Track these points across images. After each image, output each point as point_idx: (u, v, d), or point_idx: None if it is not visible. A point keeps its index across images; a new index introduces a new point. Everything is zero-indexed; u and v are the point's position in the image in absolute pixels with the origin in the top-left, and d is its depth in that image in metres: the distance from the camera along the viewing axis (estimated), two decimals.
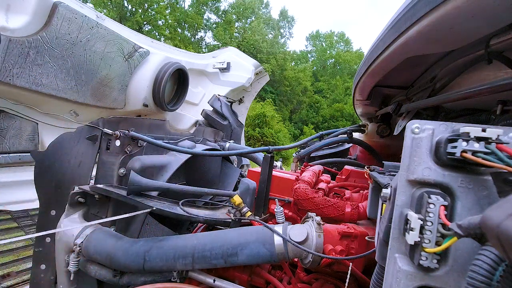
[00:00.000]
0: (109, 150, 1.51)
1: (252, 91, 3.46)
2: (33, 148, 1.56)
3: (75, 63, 1.48)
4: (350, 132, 2.13)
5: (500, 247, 0.35)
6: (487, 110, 1.02)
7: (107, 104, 1.74)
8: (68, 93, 1.49)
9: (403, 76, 1.55)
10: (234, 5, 30.72)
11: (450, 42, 0.89)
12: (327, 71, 37.49)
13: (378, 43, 1.16)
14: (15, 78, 1.26)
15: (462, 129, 0.50)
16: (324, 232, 1.11)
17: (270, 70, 24.95)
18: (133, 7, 24.13)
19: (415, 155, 0.56)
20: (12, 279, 2.62)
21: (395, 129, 1.51)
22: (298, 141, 2.31)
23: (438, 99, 1.06)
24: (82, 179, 1.55)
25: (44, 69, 1.36)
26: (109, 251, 1.24)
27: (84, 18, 1.46)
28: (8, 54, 1.20)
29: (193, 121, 2.75)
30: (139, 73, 1.88)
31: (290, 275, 1.29)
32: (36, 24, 1.31)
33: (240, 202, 1.33)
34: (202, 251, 1.14)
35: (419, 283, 0.54)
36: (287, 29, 37.04)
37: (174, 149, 1.57)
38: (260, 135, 18.35)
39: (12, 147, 1.48)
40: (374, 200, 1.03)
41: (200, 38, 30.12)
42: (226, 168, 2.32)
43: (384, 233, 0.68)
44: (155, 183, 1.42)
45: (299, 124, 30.26)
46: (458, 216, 0.53)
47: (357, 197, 1.53)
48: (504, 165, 0.45)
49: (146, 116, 2.07)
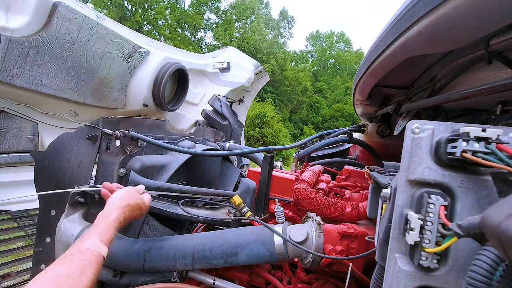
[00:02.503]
0: (109, 150, 1.51)
1: (252, 91, 3.46)
2: (33, 148, 1.56)
3: (75, 63, 1.48)
4: (350, 132, 2.13)
5: (500, 247, 0.35)
6: (487, 110, 1.02)
7: (107, 104, 1.74)
8: (68, 93, 1.50)
9: (403, 76, 1.55)
10: (234, 5, 30.71)
11: (450, 42, 0.89)
12: (327, 71, 37.48)
13: (378, 43, 1.16)
14: (15, 78, 1.26)
15: (462, 129, 0.50)
16: (324, 232, 1.11)
17: (270, 70, 24.94)
18: (133, 7, 24.12)
19: (415, 155, 0.56)
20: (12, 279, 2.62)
21: (395, 129, 1.51)
22: (298, 141, 2.31)
23: (438, 99, 1.06)
24: (82, 179, 1.55)
25: (44, 69, 1.36)
26: (109, 251, 1.24)
27: (84, 18, 1.46)
28: (8, 54, 1.20)
29: (193, 121, 2.75)
30: (139, 73, 1.88)
31: (290, 275, 1.30)
32: (36, 24, 1.31)
33: (240, 202, 1.33)
34: (202, 251, 1.14)
35: (419, 283, 0.54)
36: (287, 29, 37.05)
37: (174, 149, 1.58)
38: (260, 135, 18.35)
39: (12, 147, 1.48)
40: (374, 200, 1.03)
41: (200, 38, 30.12)
42: (226, 168, 2.32)
43: (384, 233, 0.68)
44: (155, 183, 1.42)
45: (299, 124, 30.25)
46: (458, 216, 0.53)
47: (357, 197, 1.53)
48: (504, 165, 0.45)
49: (146, 116, 2.07)
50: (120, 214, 0.98)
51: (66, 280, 0.69)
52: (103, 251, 0.84)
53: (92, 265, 0.77)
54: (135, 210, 1.07)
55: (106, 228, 0.91)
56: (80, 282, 0.70)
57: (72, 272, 0.71)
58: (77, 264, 0.74)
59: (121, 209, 1.00)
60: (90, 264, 0.77)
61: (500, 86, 0.71)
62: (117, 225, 0.95)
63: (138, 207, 1.08)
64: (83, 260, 0.76)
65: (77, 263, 0.75)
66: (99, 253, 0.82)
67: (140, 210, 1.10)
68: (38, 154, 1.53)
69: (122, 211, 1.00)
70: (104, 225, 0.92)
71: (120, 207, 1.00)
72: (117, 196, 1.06)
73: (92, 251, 0.80)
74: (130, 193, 1.09)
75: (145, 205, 1.13)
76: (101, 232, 0.89)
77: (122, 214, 0.99)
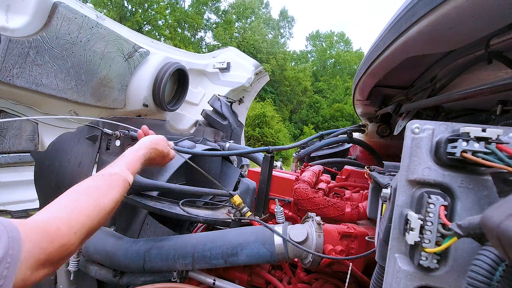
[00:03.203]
0: (109, 150, 1.51)
1: (252, 91, 3.46)
2: (33, 148, 1.56)
3: (75, 63, 1.48)
4: (350, 132, 2.13)
5: (500, 247, 0.35)
6: (487, 110, 1.02)
7: (107, 104, 1.74)
8: (68, 93, 1.50)
9: (403, 76, 1.55)
10: (234, 5, 30.72)
11: (450, 42, 0.89)
12: (327, 71, 37.49)
13: (378, 43, 1.16)
14: (15, 78, 1.26)
15: (462, 129, 0.50)
16: (324, 232, 1.11)
17: (270, 70, 24.94)
18: (133, 7, 24.13)
19: (415, 155, 0.56)
20: None
21: (395, 129, 1.51)
22: (298, 141, 2.31)
23: (438, 99, 1.06)
24: (82, 179, 1.55)
25: (44, 69, 1.36)
26: (109, 251, 1.24)
27: (84, 18, 1.46)
28: (8, 54, 1.20)
29: (193, 121, 2.75)
30: (139, 73, 1.88)
31: (290, 275, 1.29)
32: (36, 24, 1.31)
33: (240, 202, 1.33)
34: (202, 251, 1.14)
35: (419, 283, 0.54)
36: (287, 29, 37.07)
37: (174, 149, 1.57)
38: (260, 135, 18.35)
39: (12, 147, 1.48)
40: (374, 200, 1.02)
41: (200, 38, 30.13)
42: (226, 168, 2.31)
43: (384, 233, 0.68)
44: (155, 183, 1.42)
45: (299, 124, 30.26)
46: (458, 216, 0.53)
47: (357, 197, 1.53)
48: (504, 165, 0.45)
49: (146, 116, 2.07)
50: (147, 152, 1.08)
51: (96, 191, 0.79)
52: (130, 179, 0.93)
53: (119, 186, 0.86)
54: (159, 156, 1.17)
55: (134, 160, 1.00)
56: (107, 196, 0.80)
57: (101, 187, 0.81)
58: (106, 182, 0.84)
59: (148, 149, 1.09)
60: (118, 185, 0.86)
61: (500, 86, 0.71)
62: (143, 160, 1.04)
63: (162, 154, 1.18)
64: (112, 181, 0.86)
65: (107, 182, 0.84)
66: (125, 179, 0.90)
67: (163, 158, 1.20)
68: (38, 154, 1.53)
69: (149, 151, 1.09)
70: (133, 158, 1.01)
71: (148, 147, 1.10)
72: (148, 138, 1.17)
73: (120, 175, 0.89)
74: (160, 140, 1.20)
75: (169, 157, 1.24)
76: (129, 162, 0.98)
77: (148, 154, 1.09)
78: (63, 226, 0.64)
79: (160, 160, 1.20)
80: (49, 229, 0.61)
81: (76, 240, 0.66)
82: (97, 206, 0.75)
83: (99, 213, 0.75)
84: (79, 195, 0.75)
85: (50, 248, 0.59)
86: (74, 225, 0.66)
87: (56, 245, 0.60)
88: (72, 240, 0.65)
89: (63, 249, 0.62)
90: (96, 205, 0.75)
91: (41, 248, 0.57)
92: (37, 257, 0.56)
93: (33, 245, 0.55)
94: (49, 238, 0.60)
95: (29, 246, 0.54)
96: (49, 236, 0.60)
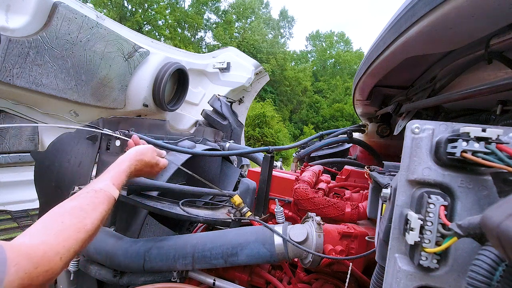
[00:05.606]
0: (109, 150, 1.51)
1: (252, 91, 3.46)
2: (33, 148, 1.56)
3: (75, 63, 1.48)
4: (350, 132, 2.13)
5: (500, 247, 0.35)
6: (487, 110, 1.02)
7: (107, 104, 1.74)
8: (68, 93, 1.49)
9: (403, 76, 1.55)
10: (234, 5, 30.73)
11: (450, 42, 0.89)
12: (327, 71, 37.49)
13: (378, 43, 1.16)
14: (15, 78, 1.26)
15: (462, 129, 0.50)
16: (324, 232, 1.11)
17: (270, 70, 24.94)
18: (133, 7, 24.13)
19: (415, 155, 0.56)
20: None
21: (395, 129, 1.51)
22: (298, 141, 2.31)
23: (438, 99, 1.06)
24: (82, 179, 1.55)
25: (44, 69, 1.36)
26: (109, 251, 1.24)
27: (84, 18, 1.46)
28: (8, 54, 1.20)
29: (193, 121, 2.75)
30: (139, 73, 1.88)
31: (290, 275, 1.29)
32: (36, 24, 1.31)
33: (240, 202, 1.33)
34: (202, 251, 1.14)
35: (419, 283, 0.54)
36: (287, 29, 37.08)
37: (174, 149, 1.57)
38: (260, 135, 18.36)
39: (12, 147, 1.48)
40: (374, 200, 1.02)
41: (200, 38, 30.14)
42: (226, 168, 2.32)
43: (384, 233, 0.68)
44: (155, 183, 1.42)
45: (299, 124, 30.27)
46: (458, 216, 0.53)
47: (357, 197, 1.53)
48: (504, 165, 0.45)
49: (146, 116, 2.07)
50: (132, 164, 1.06)
51: (80, 212, 0.77)
52: (115, 194, 0.92)
53: (104, 203, 0.84)
54: (147, 166, 1.15)
55: (118, 174, 0.99)
56: (92, 215, 0.78)
57: (86, 206, 0.79)
58: (91, 200, 0.82)
59: (133, 161, 1.08)
60: (103, 202, 0.84)
61: (500, 86, 0.71)
62: (128, 173, 1.03)
63: (149, 165, 1.17)
64: (97, 198, 0.84)
65: (91, 200, 0.82)
66: (111, 194, 0.89)
67: (151, 168, 1.19)
68: (38, 154, 1.53)
69: (134, 163, 1.08)
70: (118, 171, 1.00)
71: (133, 158, 1.08)
72: (135, 148, 1.15)
73: (105, 192, 0.88)
74: (148, 150, 1.18)
75: (158, 167, 1.22)
76: (113, 176, 0.97)
77: (134, 165, 1.07)
78: (50, 251, 0.64)
79: (148, 171, 1.18)
80: (36, 254, 0.61)
81: (61, 265, 0.66)
82: (82, 228, 0.74)
83: (85, 234, 0.74)
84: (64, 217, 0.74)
85: (35, 273, 0.59)
86: (60, 250, 0.66)
87: (40, 270, 0.61)
88: (58, 264, 0.65)
89: (48, 274, 0.63)
90: (82, 227, 0.74)
91: (25, 273, 0.57)
92: (21, 282, 0.56)
93: (18, 269, 0.56)
94: (35, 263, 0.60)
95: (14, 270, 0.55)
96: (35, 262, 0.60)
